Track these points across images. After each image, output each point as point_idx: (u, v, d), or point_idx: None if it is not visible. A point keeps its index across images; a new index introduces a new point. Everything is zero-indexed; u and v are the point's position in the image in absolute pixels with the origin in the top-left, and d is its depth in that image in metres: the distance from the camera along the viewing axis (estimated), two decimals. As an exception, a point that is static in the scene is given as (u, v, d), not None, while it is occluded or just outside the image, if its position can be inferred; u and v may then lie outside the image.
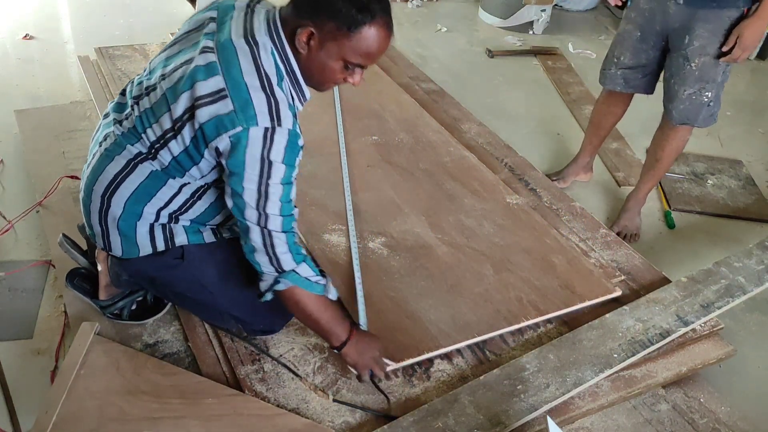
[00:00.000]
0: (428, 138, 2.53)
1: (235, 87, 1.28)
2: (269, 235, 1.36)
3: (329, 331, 1.51)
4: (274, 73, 1.31)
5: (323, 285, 1.46)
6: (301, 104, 1.41)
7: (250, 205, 1.32)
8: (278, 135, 1.28)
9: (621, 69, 2.33)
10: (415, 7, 4.41)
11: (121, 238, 1.49)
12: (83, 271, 1.77)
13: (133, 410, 1.46)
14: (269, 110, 1.27)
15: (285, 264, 1.39)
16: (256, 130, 1.26)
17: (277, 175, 1.31)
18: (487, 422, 1.45)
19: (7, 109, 2.73)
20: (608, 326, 1.73)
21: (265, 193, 1.31)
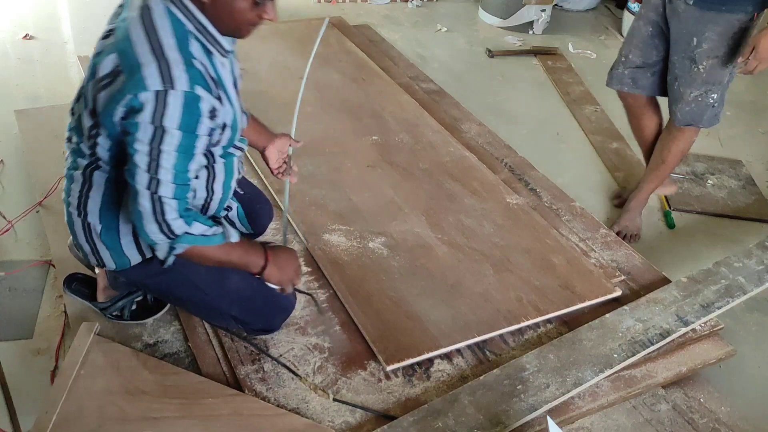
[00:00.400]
0: (428, 138, 2.53)
1: (125, 57, 1.23)
2: (159, 201, 1.29)
3: (245, 265, 1.48)
4: (170, 35, 1.24)
5: (221, 234, 1.40)
6: (225, 56, 1.35)
7: (140, 167, 1.25)
8: (171, 98, 1.20)
9: (629, 68, 2.29)
10: (415, 7, 4.40)
11: (110, 251, 1.48)
12: (81, 275, 1.77)
13: (133, 410, 1.46)
14: (160, 73, 1.20)
15: (176, 229, 1.33)
16: (146, 94, 1.19)
17: (171, 141, 1.23)
18: (487, 422, 1.45)
19: (7, 109, 2.73)
20: (608, 326, 1.73)
21: (157, 158, 1.24)
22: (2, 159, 2.46)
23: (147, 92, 1.19)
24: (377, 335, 1.67)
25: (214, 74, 1.31)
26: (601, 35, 4.23)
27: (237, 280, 1.56)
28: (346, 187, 2.21)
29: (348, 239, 1.99)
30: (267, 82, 2.85)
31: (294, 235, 2.02)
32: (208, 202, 1.50)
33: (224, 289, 1.56)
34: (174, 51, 1.22)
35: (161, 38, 1.23)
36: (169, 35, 1.24)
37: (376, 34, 3.62)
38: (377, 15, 4.20)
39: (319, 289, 1.84)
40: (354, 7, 4.29)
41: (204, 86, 1.25)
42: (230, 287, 1.56)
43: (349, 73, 3.00)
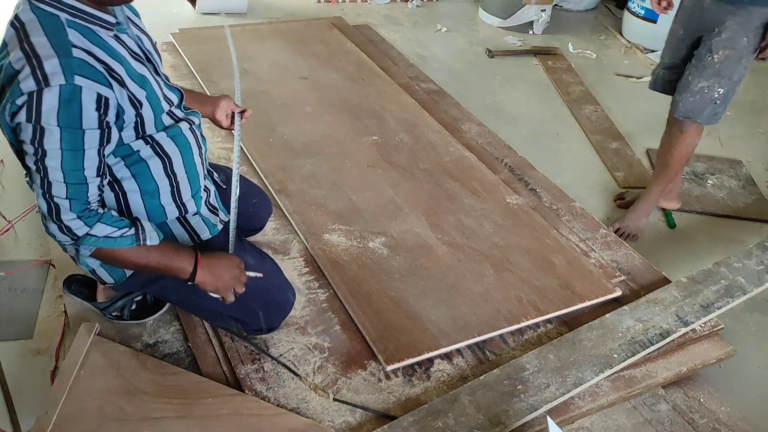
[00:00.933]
0: (428, 138, 2.53)
1: (5, 72, 1.18)
2: (53, 202, 1.24)
3: (168, 270, 1.40)
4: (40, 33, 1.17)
5: (132, 235, 1.33)
6: (110, 29, 1.25)
7: (32, 169, 1.22)
8: (46, 95, 1.13)
9: (662, 69, 2.33)
10: (415, 7, 4.41)
11: (104, 268, 1.48)
12: (80, 276, 1.77)
13: (133, 410, 1.46)
14: (33, 74, 1.13)
15: (76, 230, 1.28)
16: (21, 98, 1.14)
17: (53, 139, 1.16)
18: (487, 422, 1.45)
19: (7, 109, 2.72)
20: (608, 326, 1.73)
21: (42, 158, 1.19)
22: (2, 159, 2.46)
23: (21, 96, 1.14)
24: (377, 335, 1.67)
25: (106, 56, 1.23)
26: (601, 35, 4.23)
27: None
28: (346, 187, 2.21)
29: (348, 239, 1.99)
30: (267, 82, 2.85)
31: (294, 235, 2.02)
32: (176, 187, 1.45)
33: None
34: (46, 48, 1.16)
35: (33, 41, 1.16)
36: (39, 34, 1.17)
37: (376, 34, 3.62)
38: (377, 15, 4.20)
39: (319, 289, 1.84)
40: (354, 7, 4.29)
41: (87, 74, 1.17)
42: None
43: (349, 73, 3.00)
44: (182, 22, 3.59)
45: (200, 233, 1.55)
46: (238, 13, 3.88)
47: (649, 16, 3.93)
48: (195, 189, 1.51)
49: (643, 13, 3.95)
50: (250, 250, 1.65)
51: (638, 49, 3.99)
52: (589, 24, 4.40)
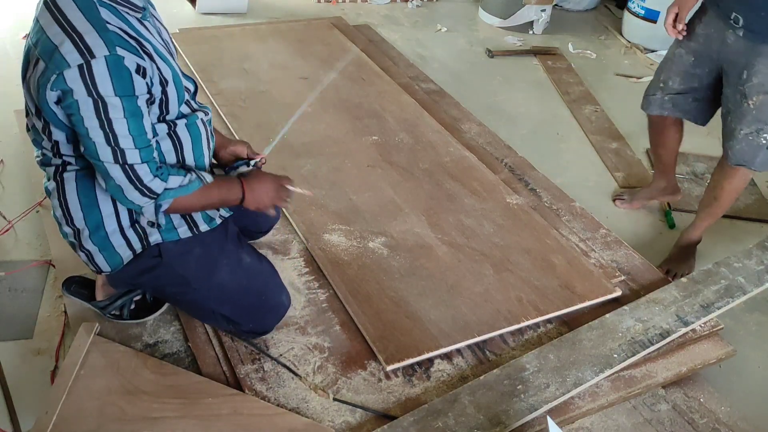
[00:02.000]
0: (428, 138, 2.53)
1: (42, 46, 1.24)
2: (131, 169, 1.31)
3: (225, 202, 1.51)
4: (75, 9, 1.23)
5: (196, 179, 1.43)
6: (138, 12, 1.32)
7: (99, 143, 1.27)
8: (96, 67, 1.20)
9: (669, 94, 2.21)
10: (415, 7, 4.40)
11: (102, 253, 1.49)
12: (79, 278, 1.77)
13: (133, 410, 1.46)
14: (76, 46, 1.19)
15: (156, 188, 1.36)
16: (70, 71, 1.19)
17: (116, 110, 1.24)
18: (487, 422, 1.45)
19: (7, 109, 2.72)
20: (608, 326, 1.73)
21: (110, 128, 1.25)
22: (2, 159, 2.46)
23: (70, 69, 1.19)
24: (377, 335, 1.67)
25: (135, 33, 1.28)
26: (601, 35, 4.22)
27: (225, 275, 1.56)
28: (346, 187, 2.21)
29: (348, 239, 1.99)
30: (267, 82, 2.85)
31: (294, 235, 2.02)
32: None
33: (213, 284, 1.56)
34: (83, 22, 1.22)
35: (68, 15, 1.23)
36: (74, 9, 1.23)
37: (376, 34, 3.62)
38: (377, 15, 4.20)
39: (319, 289, 1.84)
40: (354, 7, 4.29)
41: (124, 46, 1.23)
42: (219, 283, 1.56)
43: (349, 73, 3.00)
44: (182, 22, 3.59)
45: (199, 225, 1.55)
46: (238, 13, 3.88)
47: (649, 16, 3.93)
48: None
49: (643, 13, 3.95)
50: (247, 250, 1.65)
51: (638, 49, 3.99)
52: (589, 24, 4.40)
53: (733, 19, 1.93)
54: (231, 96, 2.71)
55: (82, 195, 1.42)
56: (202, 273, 1.55)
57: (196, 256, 1.55)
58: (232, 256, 1.59)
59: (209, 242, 1.55)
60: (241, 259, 1.61)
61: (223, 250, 1.58)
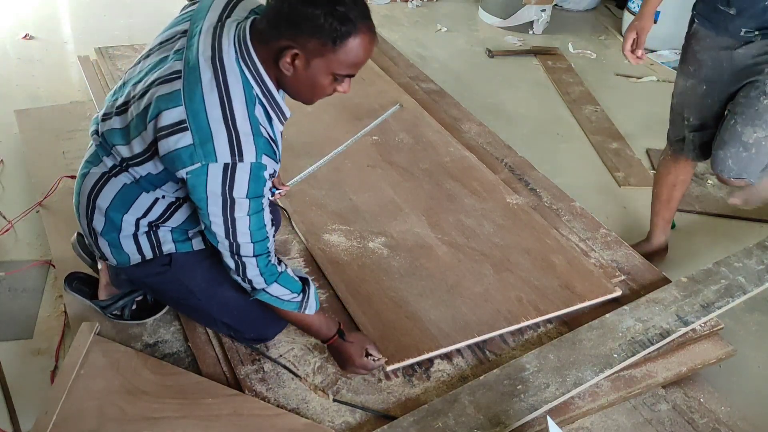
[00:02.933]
0: (428, 138, 2.53)
1: (195, 119, 1.22)
2: (240, 261, 1.36)
3: (314, 332, 1.55)
4: (242, 100, 1.24)
5: (297, 302, 1.45)
6: (282, 123, 1.36)
7: (219, 235, 1.32)
8: (239, 171, 1.23)
9: (693, 132, 2.03)
10: (415, 7, 4.41)
11: (110, 248, 1.49)
12: (81, 274, 1.77)
13: (133, 410, 1.46)
14: (230, 145, 1.21)
15: (256, 285, 1.41)
16: (215, 167, 1.22)
17: (242, 209, 1.28)
18: (487, 422, 1.45)
19: (7, 109, 2.73)
20: (608, 326, 1.73)
21: (233, 225, 1.30)
22: (2, 159, 2.46)
23: (216, 164, 1.21)
24: (377, 335, 1.67)
25: (274, 137, 1.32)
26: (601, 35, 4.23)
27: (230, 288, 1.54)
28: (346, 187, 2.21)
29: (348, 239, 1.99)
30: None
31: (294, 235, 2.02)
32: None
33: (216, 296, 1.56)
34: (244, 121, 1.23)
35: (234, 105, 1.23)
36: (240, 101, 1.24)
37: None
38: (377, 15, 4.20)
39: (319, 289, 1.83)
40: (354, 7, 4.29)
41: (268, 153, 1.27)
42: (223, 296, 1.55)
43: (349, 73, 2.99)
44: (182, 22, 3.59)
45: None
46: (238, 13, 3.88)
47: (649, 16, 3.93)
48: None
49: (643, 13, 3.95)
50: None
51: (638, 49, 3.99)
52: (589, 24, 4.40)
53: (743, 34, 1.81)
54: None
55: (118, 199, 1.42)
56: (206, 285, 1.55)
57: (204, 268, 1.54)
58: None
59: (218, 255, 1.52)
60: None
61: None
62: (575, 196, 2.36)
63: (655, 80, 3.67)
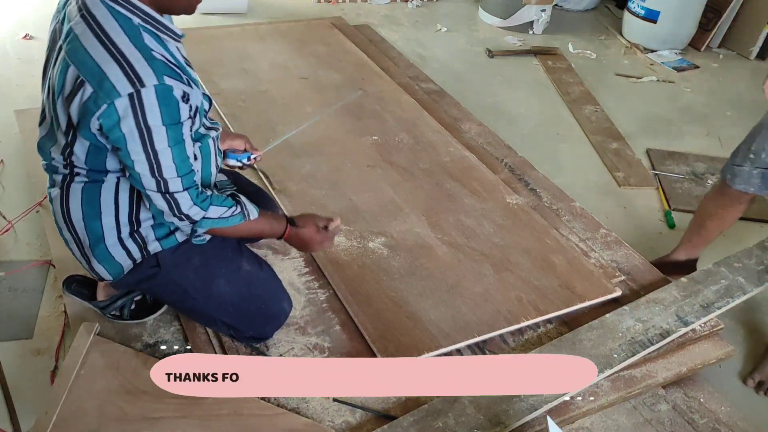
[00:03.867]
0: (428, 138, 2.53)
1: (85, 68, 1.21)
2: (172, 198, 1.33)
3: (265, 236, 1.58)
4: (120, 32, 1.22)
5: (240, 213, 1.45)
6: (178, 40, 1.34)
7: (144, 174, 1.28)
8: (146, 97, 1.19)
9: (759, 168, 1.87)
10: (415, 7, 4.41)
11: (103, 263, 1.49)
12: (80, 277, 1.77)
13: (133, 410, 1.46)
14: (126, 75, 1.18)
15: (195, 216, 1.39)
16: (121, 101, 1.18)
17: (161, 139, 1.24)
18: (487, 422, 1.45)
19: (7, 109, 2.73)
20: (608, 326, 1.73)
21: (156, 160, 1.26)
22: (2, 159, 2.46)
23: (121, 98, 1.18)
24: (377, 335, 1.67)
25: (174, 60, 1.28)
26: (601, 35, 4.23)
27: (224, 284, 1.55)
28: (346, 187, 2.21)
29: (348, 239, 1.99)
30: (267, 82, 2.85)
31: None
32: None
33: (211, 294, 1.55)
34: (131, 49, 1.21)
35: (114, 39, 1.21)
36: (119, 33, 1.22)
37: (376, 34, 3.62)
38: (377, 15, 4.20)
39: (319, 289, 1.84)
40: (354, 7, 4.29)
41: (170, 74, 1.23)
42: (218, 293, 1.56)
43: (349, 73, 3.00)
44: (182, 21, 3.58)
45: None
46: (238, 13, 3.88)
47: (649, 16, 3.94)
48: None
49: (643, 13, 3.95)
50: (247, 256, 1.65)
51: (638, 49, 4.00)
52: (589, 24, 4.40)
53: None
54: (231, 96, 2.71)
55: (86, 206, 1.41)
56: (200, 283, 1.55)
57: (195, 266, 1.54)
58: (231, 265, 1.58)
59: (208, 251, 1.55)
60: (241, 267, 1.60)
61: (221, 259, 1.56)
62: (575, 196, 2.36)
63: (655, 80, 3.67)
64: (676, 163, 2.87)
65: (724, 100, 3.47)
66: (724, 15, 3.97)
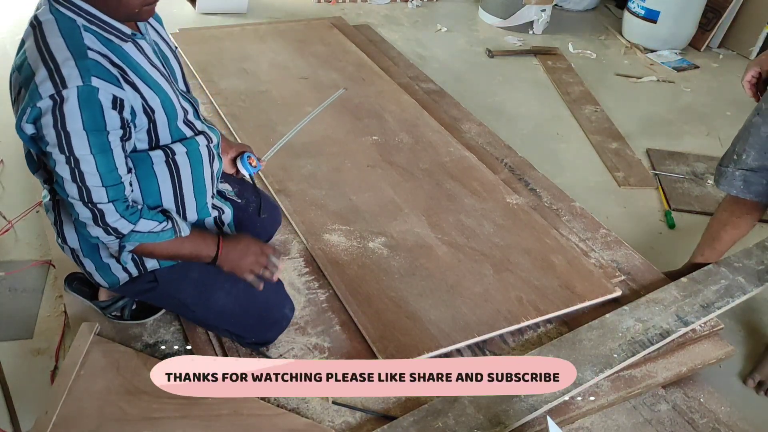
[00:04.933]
0: (428, 138, 2.53)
1: (23, 74, 1.20)
2: (96, 209, 1.26)
3: (196, 257, 1.44)
4: (56, 34, 1.18)
5: (171, 229, 1.37)
6: (126, 40, 1.26)
7: (66, 179, 1.21)
8: (67, 99, 1.14)
9: (741, 169, 1.87)
10: (415, 7, 4.41)
11: (99, 272, 1.48)
12: (81, 274, 1.77)
13: (133, 410, 1.46)
14: (50, 77, 1.14)
15: (122, 229, 1.31)
16: (43, 103, 1.14)
17: (82, 145, 1.17)
18: (487, 422, 1.45)
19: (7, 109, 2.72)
20: (608, 326, 1.73)
21: (77, 166, 1.19)
22: (2, 159, 2.46)
23: (42, 100, 1.14)
24: (377, 335, 1.67)
25: (120, 59, 1.23)
26: (601, 35, 4.23)
27: (222, 297, 1.53)
28: (346, 187, 2.21)
29: (348, 239, 1.99)
30: (267, 82, 2.85)
31: (294, 235, 2.02)
32: (180, 199, 1.43)
33: (210, 307, 1.54)
34: (62, 50, 1.17)
35: (49, 41, 1.18)
36: (56, 36, 1.18)
37: (376, 34, 3.62)
38: (377, 15, 4.20)
39: (319, 289, 1.84)
40: (354, 7, 4.29)
41: (102, 75, 1.17)
42: (217, 305, 1.54)
43: (349, 73, 3.00)
44: (182, 22, 3.60)
45: None
46: (238, 13, 3.88)
47: (649, 16, 3.94)
48: (201, 205, 1.49)
49: (643, 13, 3.95)
50: None
51: (638, 49, 3.99)
52: (589, 24, 4.40)
53: None
54: (231, 96, 2.71)
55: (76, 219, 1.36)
56: (198, 297, 1.53)
57: (192, 280, 1.52)
58: (230, 278, 1.52)
59: (205, 265, 1.49)
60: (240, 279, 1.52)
61: (219, 272, 1.50)
62: (575, 196, 2.36)
63: (655, 80, 3.67)
64: (676, 163, 2.87)
65: (724, 100, 3.47)
66: (724, 15, 3.97)
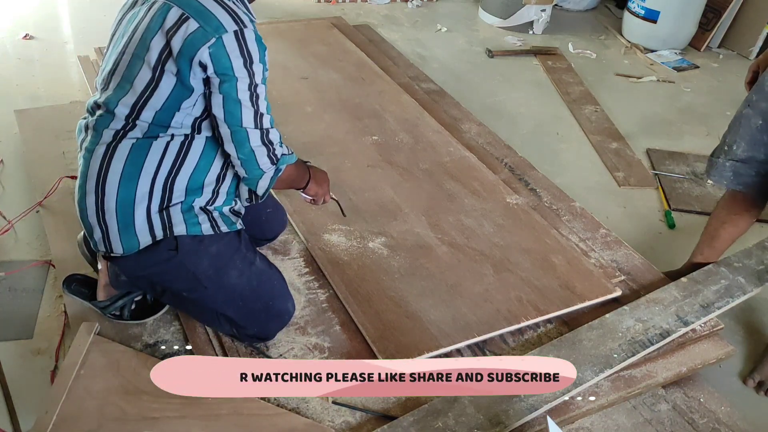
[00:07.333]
0: (428, 138, 2.53)
1: (191, 8, 1.35)
2: (266, 133, 1.45)
3: (301, 179, 1.67)
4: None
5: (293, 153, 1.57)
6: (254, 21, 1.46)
7: (245, 106, 1.40)
8: (247, 34, 1.36)
9: (731, 160, 1.88)
10: (415, 7, 4.41)
11: (121, 232, 1.45)
12: (80, 276, 1.77)
13: (133, 410, 1.46)
14: (231, 17, 1.35)
15: (280, 151, 1.50)
16: (228, 36, 1.33)
17: (259, 74, 1.40)
18: (487, 422, 1.45)
19: (7, 109, 2.73)
20: (608, 326, 1.73)
21: (255, 93, 1.40)
22: (2, 159, 2.46)
23: (227, 33, 1.33)
24: (377, 335, 1.67)
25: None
26: (601, 35, 4.23)
27: (235, 276, 1.56)
28: (346, 187, 2.21)
29: (348, 239, 1.99)
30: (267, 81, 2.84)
31: (294, 235, 2.02)
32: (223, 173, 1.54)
33: (222, 284, 1.56)
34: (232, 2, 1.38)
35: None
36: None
37: (376, 34, 3.62)
38: (377, 15, 4.20)
39: (319, 289, 1.84)
40: (354, 7, 4.29)
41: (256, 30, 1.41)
42: (229, 283, 1.56)
43: (349, 73, 3.00)
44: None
45: (220, 226, 1.55)
46: (238, 13, 3.88)
47: (649, 16, 3.94)
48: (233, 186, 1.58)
49: (643, 13, 3.95)
50: (259, 255, 1.66)
51: (638, 49, 3.99)
52: (589, 24, 4.40)
53: None
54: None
55: (129, 164, 1.42)
56: (213, 272, 1.54)
57: (211, 254, 1.54)
58: (245, 259, 1.59)
59: (225, 243, 1.55)
60: (254, 262, 1.61)
61: (237, 251, 1.58)
62: (575, 196, 2.36)
63: (655, 80, 3.67)
64: (676, 163, 2.87)
65: (724, 100, 3.47)
66: (724, 15, 3.97)
